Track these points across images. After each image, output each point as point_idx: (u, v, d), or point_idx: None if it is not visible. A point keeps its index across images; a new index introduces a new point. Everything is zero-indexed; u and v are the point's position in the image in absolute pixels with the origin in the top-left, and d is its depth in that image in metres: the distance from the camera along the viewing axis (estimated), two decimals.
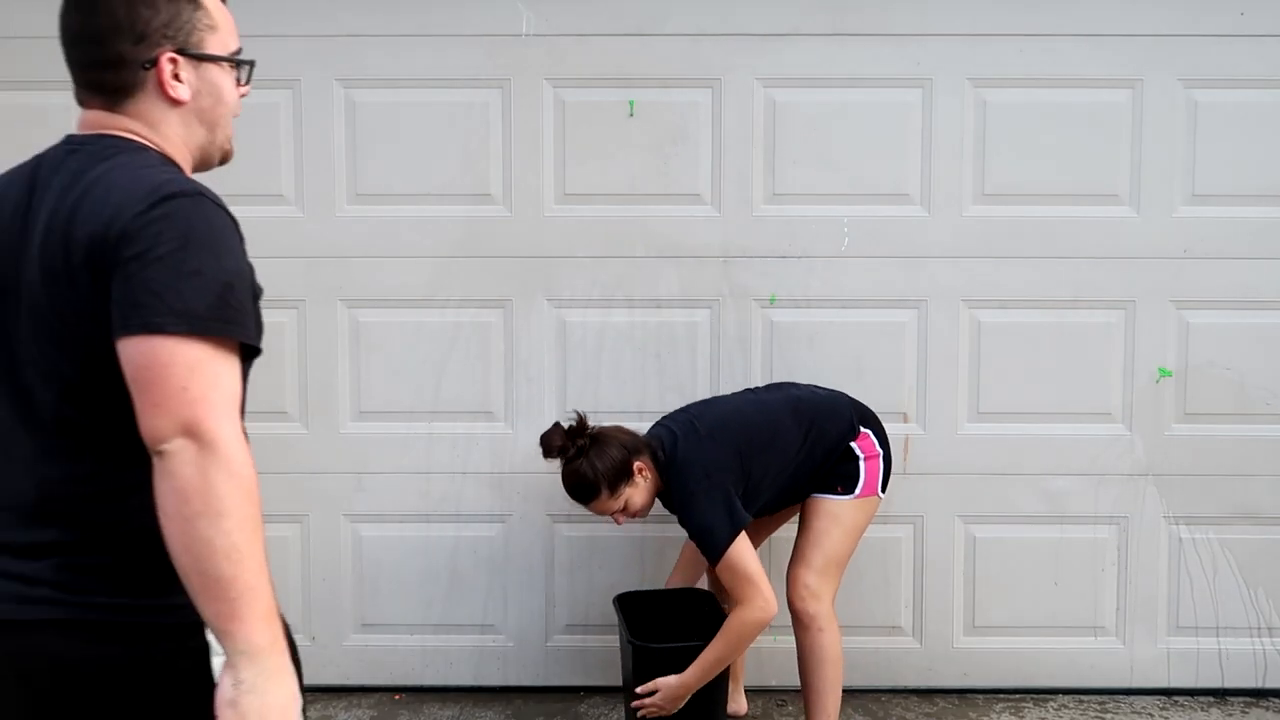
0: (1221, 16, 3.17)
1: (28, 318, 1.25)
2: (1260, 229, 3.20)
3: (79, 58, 1.32)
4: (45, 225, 1.24)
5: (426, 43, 3.19)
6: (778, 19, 3.18)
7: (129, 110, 1.32)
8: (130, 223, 1.18)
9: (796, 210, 3.21)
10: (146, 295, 1.16)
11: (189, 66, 1.32)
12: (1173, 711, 3.22)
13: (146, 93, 1.31)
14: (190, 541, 1.15)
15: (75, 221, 1.21)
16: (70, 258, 1.20)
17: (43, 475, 1.26)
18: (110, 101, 1.32)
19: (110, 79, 1.30)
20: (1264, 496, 3.25)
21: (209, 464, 1.14)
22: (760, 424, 2.72)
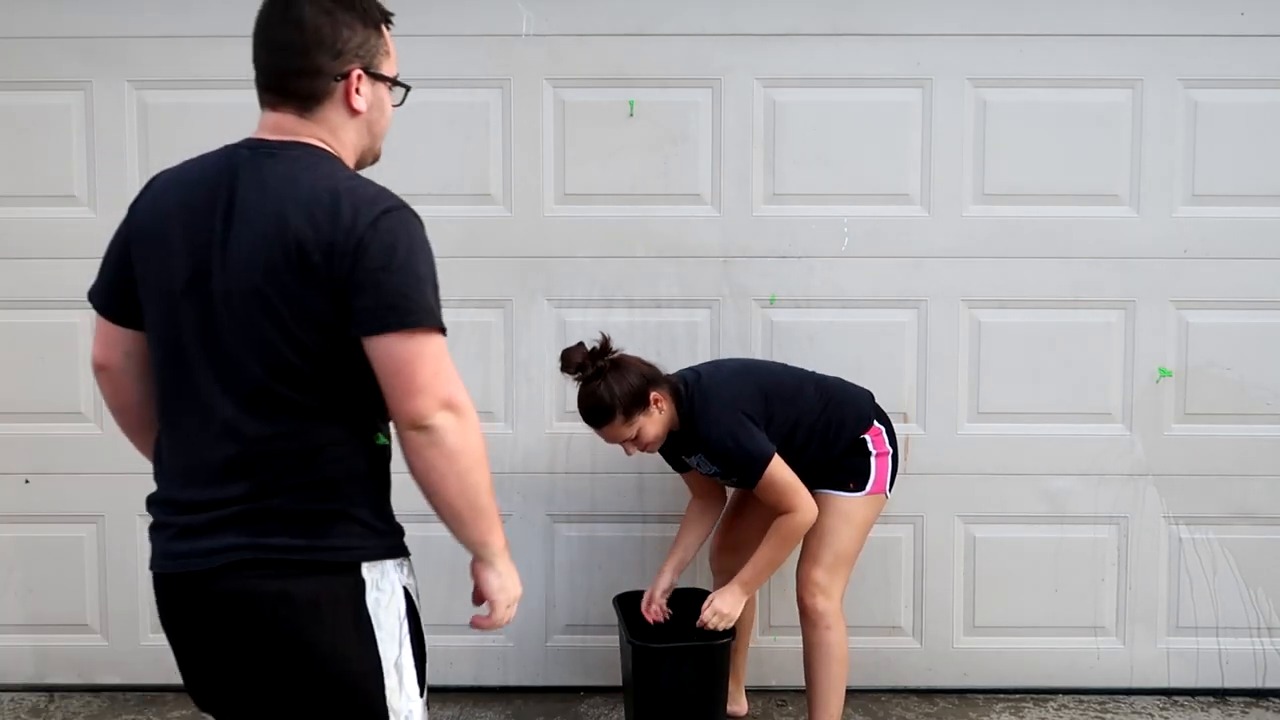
0: (1221, 16, 3.17)
1: (236, 300, 1.46)
2: (1260, 229, 3.20)
3: (279, 64, 1.54)
4: (258, 223, 1.46)
5: (426, 43, 3.19)
6: (778, 19, 3.18)
7: (316, 116, 1.55)
8: (364, 234, 1.43)
9: (796, 210, 3.21)
10: (398, 299, 1.43)
11: (368, 83, 1.58)
12: (1173, 711, 3.23)
13: (333, 101, 1.55)
14: (464, 487, 1.50)
15: (302, 226, 1.44)
16: (305, 257, 1.43)
17: (242, 436, 1.49)
18: (302, 106, 1.54)
19: (305, 86, 1.53)
20: (1263, 496, 3.25)
21: (466, 427, 1.48)
22: (785, 378, 2.80)
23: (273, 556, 1.49)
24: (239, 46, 3.25)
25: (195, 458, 1.53)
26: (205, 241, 1.49)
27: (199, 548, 1.50)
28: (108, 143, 3.21)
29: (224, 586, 1.49)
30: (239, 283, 1.47)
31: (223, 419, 1.49)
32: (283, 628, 1.49)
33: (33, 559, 3.30)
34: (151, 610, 3.28)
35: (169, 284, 1.52)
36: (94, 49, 3.19)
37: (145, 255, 1.57)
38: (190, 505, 1.53)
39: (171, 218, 1.53)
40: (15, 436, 3.27)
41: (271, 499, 1.50)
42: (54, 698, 3.30)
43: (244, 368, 1.48)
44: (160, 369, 1.57)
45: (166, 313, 1.54)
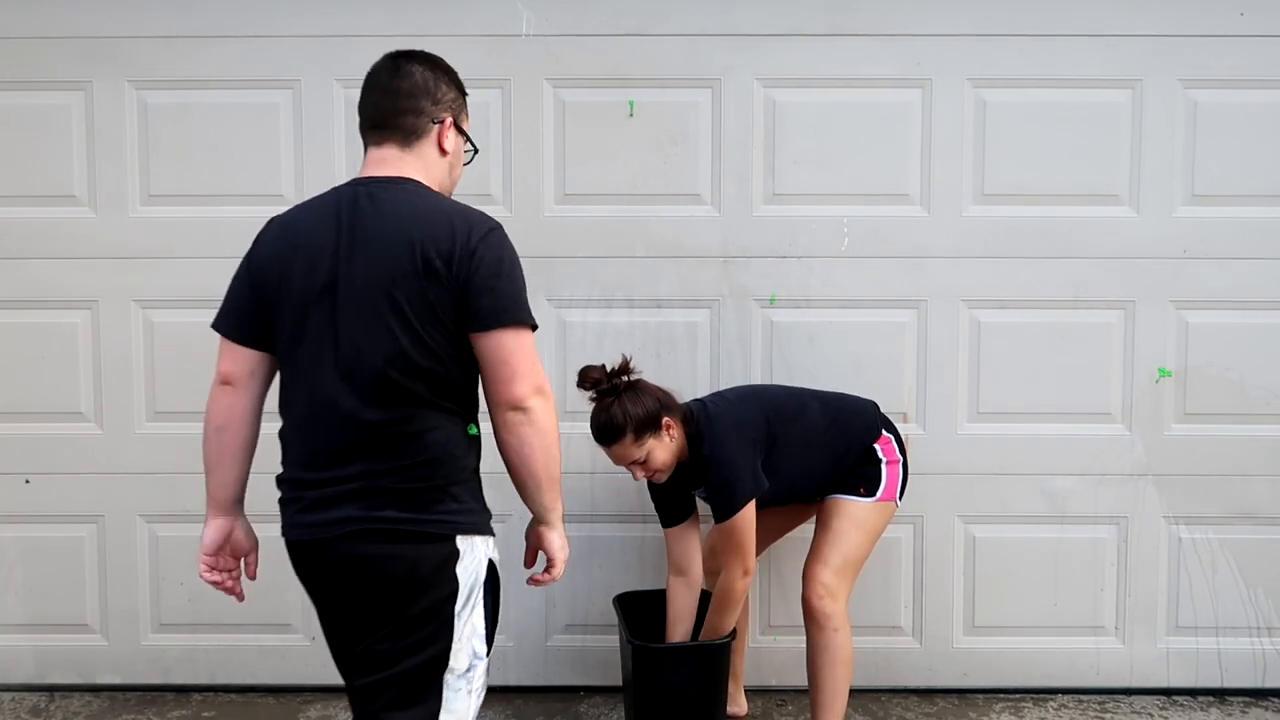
0: (1221, 16, 3.17)
1: (366, 303, 1.79)
2: (1260, 229, 3.20)
3: (390, 106, 1.91)
4: (385, 241, 1.80)
5: (426, 43, 3.13)
6: (777, 19, 3.18)
7: (415, 150, 1.91)
8: (477, 247, 1.79)
9: (796, 210, 3.21)
10: (508, 302, 1.80)
11: (453, 132, 1.96)
12: (1172, 711, 3.23)
13: (429, 140, 1.93)
14: (548, 460, 1.85)
15: (426, 240, 1.78)
16: (429, 264, 1.77)
17: (361, 424, 1.80)
18: (404, 141, 1.91)
19: (409, 122, 1.90)
20: (1263, 496, 3.25)
21: (550, 409, 1.84)
22: (787, 401, 2.81)
23: (382, 527, 1.80)
24: (239, 46, 3.28)
25: (320, 444, 1.85)
26: (331, 260, 1.82)
27: (323, 519, 1.83)
28: (108, 143, 3.21)
29: (342, 551, 1.82)
30: (369, 289, 1.79)
31: (345, 410, 1.81)
32: (388, 584, 1.81)
33: (33, 559, 3.30)
34: (151, 610, 3.30)
35: (300, 298, 1.83)
36: (94, 49, 3.19)
37: (275, 279, 1.86)
38: (315, 483, 1.85)
39: (297, 247, 1.86)
40: (15, 436, 3.27)
41: (383, 478, 1.81)
42: (54, 697, 3.30)
43: (367, 360, 1.79)
44: (291, 372, 1.89)
45: (296, 323, 1.84)
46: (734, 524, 2.61)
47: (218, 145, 3.21)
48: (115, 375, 3.25)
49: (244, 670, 3.33)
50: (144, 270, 3.22)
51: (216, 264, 3.20)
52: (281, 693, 3.32)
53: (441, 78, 1.96)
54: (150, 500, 3.27)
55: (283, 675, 3.33)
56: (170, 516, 3.28)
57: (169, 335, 3.24)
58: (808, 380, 3.11)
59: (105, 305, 3.24)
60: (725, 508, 2.61)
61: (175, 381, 3.24)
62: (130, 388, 3.25)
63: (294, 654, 3.32)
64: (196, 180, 3.21)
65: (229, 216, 3.21)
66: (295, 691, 3.32)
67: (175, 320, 3.23)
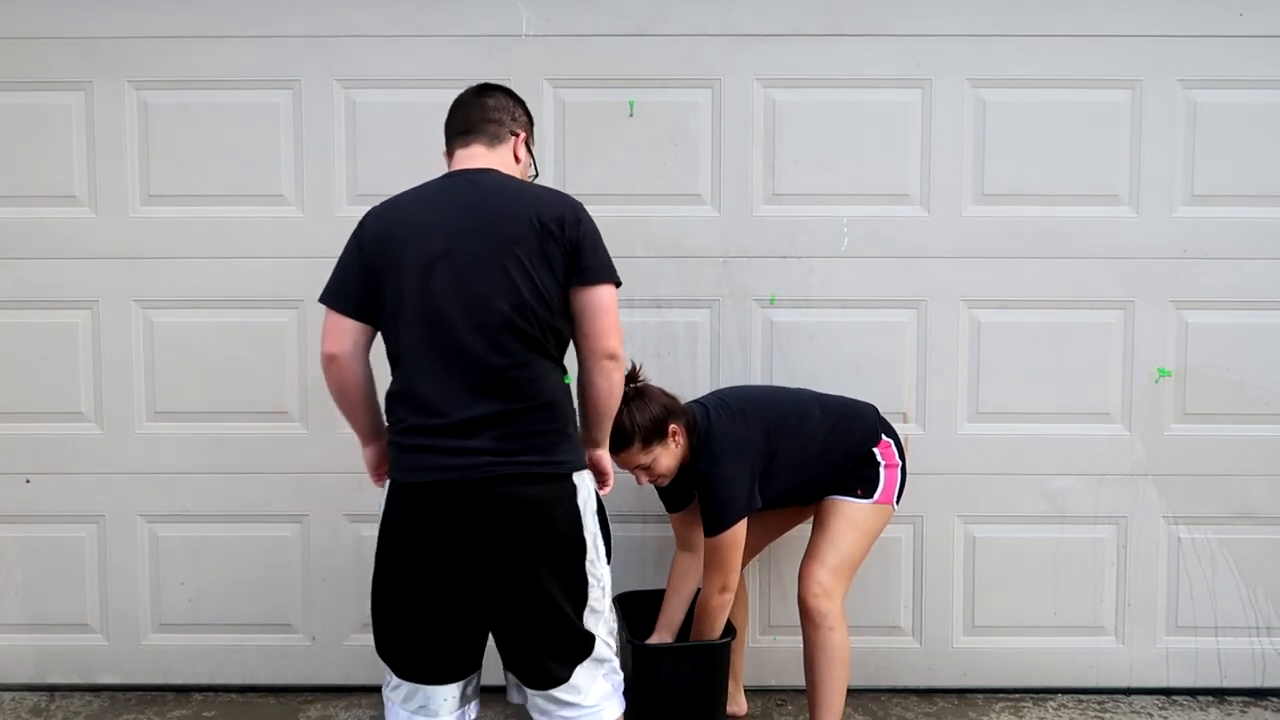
0: (1221, 17, 3.17)
1: (482, 262, 2.06)
2: (1260, 229, 3.20)
3: (478, 116, 2.26)
4: (500, 211, 2.10)
5: (426, 43, 3.19)
6: (777, 19, 3.18)
7: (498, 150, 2.25)
8: (580, 217, 2.13)
9: (796, 210, 3.21)
10: (607, 262, 2.15)
11: (523, 146, 2.31)
12: (1172, 711, 3.23)
13: (507, 147, 2.27)
14: (614, 402, 2.21)
15: (538, 208, 2.10)
16: (544, 226, 2.08)
17: (490, 364, 2.05)
18: (490, 142, 2.25)
19: (493, 129, 2.26)
20: (1263, 496, 3.25)
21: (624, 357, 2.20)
22: (789, 408, 2.79)
23: (518, 470, 2.05)
24: (239, 46, 3.28)
25: (450, 385, 2.06)
26: (444, 230, 2.08)
27: (460, 462, 2.04)
28: (108, 143, 3.21)
29: (486, 491, 2.04)
30: (491, 249, 2.06)
31: (476, 351, 2.05)
32: (525, 520, 2.06)
33: (33, 559, 3.30)
34: (151, 610, 3.30)
35: (421, 261, 2.07)
36: (94, 49, 3.19)
37: (387, 252, 2.11)
38: (447, 428, 2.05)
39: (407, 223, 2.12)
40: (15, 436, 3.27)
41: (513, 422, 2.06)
42: (54, 697, 3.30)
43: (491, 306, 2.05)
44: (415, 329, 2.08)
45: (420, 284, 2.07)
46: (721, 540, 2.61)
47: (218, 145, 3.21)
48: (115, 375, 3.25)
49: (244, 670, 3.33)
50: (144, 270, 3.23)
51: (217, 264, 3.23)
52: (281, 693, 3.32)
53: (516, 105, 2.33)
54: (150, 500, 3.28)
55: (283, 675, 3.33)
56: (170, 516, 3.28)
57: (169, 335, 3.24)
58: (808, 380, 3.11)
59: (105, 305, 3.24)
60: (714, 525, 2.61)
61: (175, 381, 3.25)
62: (130, 388, 3.25)
63: (294, 654, 3.32)
64: (196, 180, 3.21)
65: (229, 216, 3.21)
66: (295, 691, 3.32)
67: (175, 320, 3.24)
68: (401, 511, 2.12)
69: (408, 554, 2.11)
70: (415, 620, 2.14)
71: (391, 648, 2.18)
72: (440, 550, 2.08)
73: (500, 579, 2.09)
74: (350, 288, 2.15)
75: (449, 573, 2.10)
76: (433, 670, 2.17)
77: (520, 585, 2.08)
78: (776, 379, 3.21)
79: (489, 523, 2.05)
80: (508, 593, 2.09)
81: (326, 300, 2.17)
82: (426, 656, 2.16)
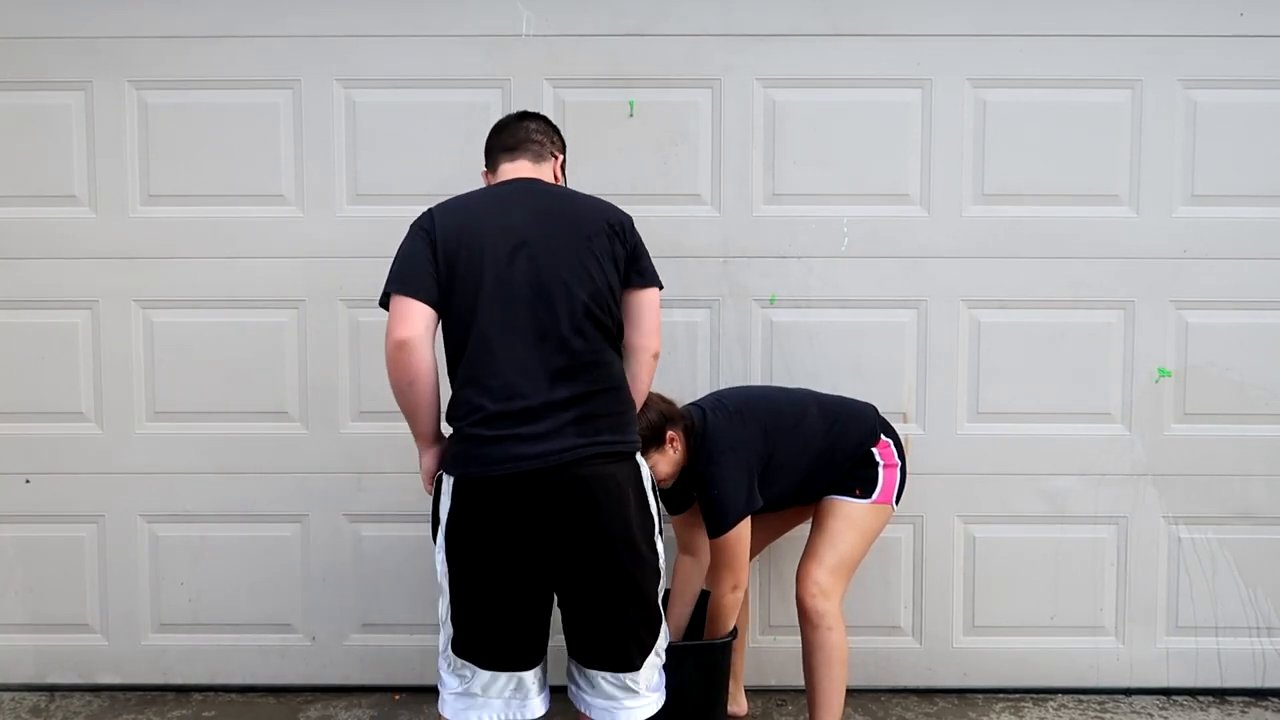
0: (1221, 17, 3.17)
1: (561, 253, 2.18)
2: (1260, 229, 3.20)
3: (523, 135, 2.40)
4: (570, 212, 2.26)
5: (426, 43, 3.19)
6: (778, 19, 3.18)
7: (542, 167, 2.40)
8: (631, 223, 2.32)
9: (796, 210, 3.21)
10: (651, 266, 2.33)
11: (560, 168, 2.45)
12: (1172, 711, 3.23)
13: (548, 165, 2.41)
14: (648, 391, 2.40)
15: (603, 211, 2.29)
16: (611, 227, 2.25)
17: (571, 348, 2.16)
18: (535, 158, 2.39)
19: (536, 148, 2.40)
20: (1263, 496, 3.25)
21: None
22: (786, 409, 2.79)
23: (599, 450, 2.15)
24: (239, 46, 3.28)
25: (531, 368, 2.14)
26: (519, 225, 2.20)
27: (546, 449, 2.11)
28: (108, 143, 3.21)
29: (575, 473, 2.12)
30: (569, 243, 2.20)
31: (558, 335, 2.15)
32: (613, 497, 2.16)
33: (33, 559, 3.30)
34: (151, 610, 3.30)
35: (499, 250, 2.17)
36: (94, 49, 3.19)
37: (464, 240, 2.18)
38: (527, 412, 2.12)
39: (481, 215, 2.23)
40: (15, 436, 3.27)
41: (591, 402, 2.16)
42: (54, 697, 3.30)
43: (572, 293, 2.17)
44: (494, 313, 2.15)
45: (500, 270, 2.16)
46: (726, 540, 2.62)
47: (218, 145, 3.21)
48: (115, 375, 3.25)
49: (244, 670, 3.33)
50: (144, 270, 3.23)
51: (217, 264, 3.23)
52: (281, 693, 3.32)
53: (555, 131, 2.48)
54: (150, 500, 3.28)
55: (283, 675, 3.33)
56: (170, 516, 3.28)
57: (169, 335, 3.24)
58: (807, 380, 3.11)
59: (105, 305, 3.24)
60: (717, 526, 2.61)
61: (175, 381, 3.25)
62: (130, 388, 3.25)
63: (294, 654, 3.32)
64: (196, 180, 3.21)
65: (229, 216, 3.21)
66: (295, 691, 3.32)
67: (175, 320, 3.24)
68: (483, 505, 2.13)
69: (494, 546, 2.14)
70: (508, 610, 2.18)
71: (483, 643, 2.20)
72: (528, 537, 2.13)
73: (588, 557, 2.16)
74: (419, 273, 2.17)
75: (536, 558, 2.15)
76: (525, 655, 2.22)
77: (609, 561, 2.17)
78: (776, 379, 3.21)
79: (578, 504, 2.13)
80: (597, 569, 2.17)
81: (394, 288, 2.18)
82: (518, 644, 2.21)
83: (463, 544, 2.16)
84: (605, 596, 2.19)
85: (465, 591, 2.19)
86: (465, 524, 2.15)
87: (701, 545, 2.82)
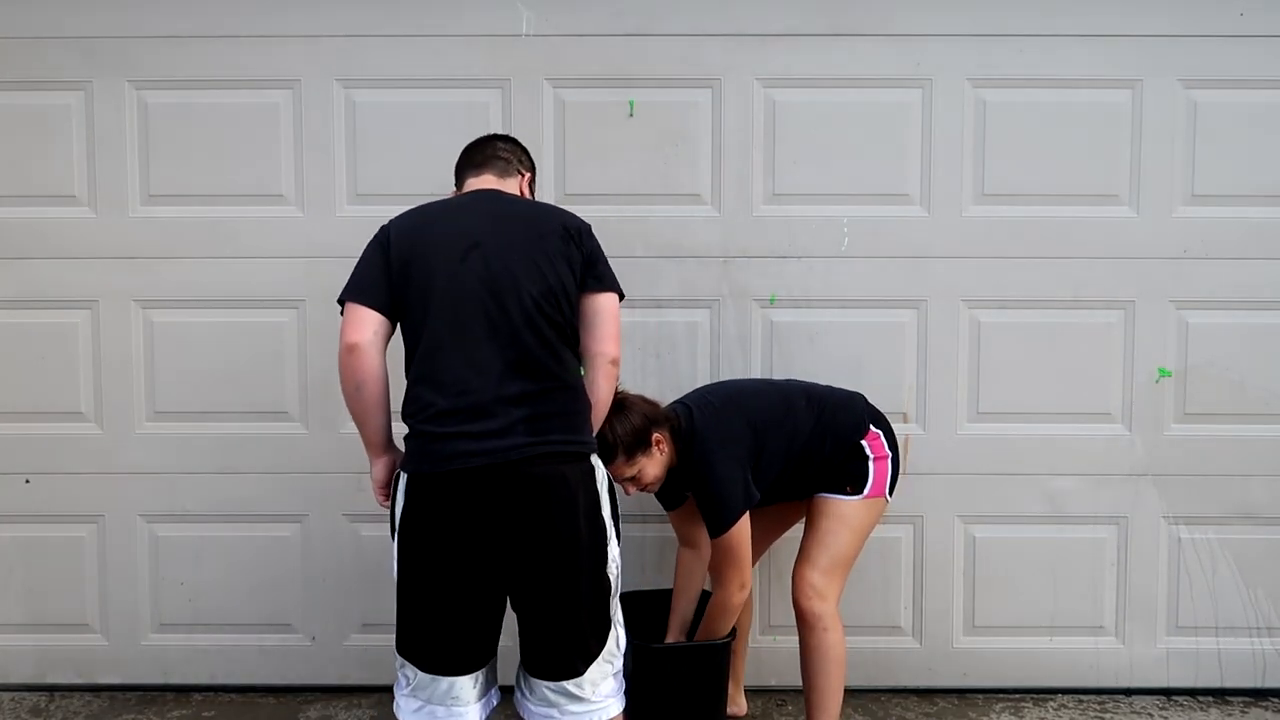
0: (1221, 17, 3.17)
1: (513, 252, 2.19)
2: (1260, 229, 3.20)
3: (490, 152, 2.45)
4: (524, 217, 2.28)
5: (426, 43, 3.19)
6: (778, 19, 3.18)
7: (507, 182, 2.42)
8: (589, 232, 2.31)
9: (796, 210, 3.21)
10: (609, 273, 2.30)
11: (528, 186, 2.48)
12: (1172, 711, 3.23)
13: (515, 181, 2.44)
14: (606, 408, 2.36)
15: (557, 217, 2.29)
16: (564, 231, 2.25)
17: (523, 343, 2.16)
18: (501, 174, 2.43)
19: (502, 165, 2.44)
20: (1263, 496, 3.25)
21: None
22: (774, 400, 2.76)
23: (550, 450, 2.14)
24: (239, 46, 3.28)
25: (481, 364, 2.14)
26: (473, 229, 2.22)
27: (496, 446, 2.11)
28: (108, 143, 3.21)
29: (524, 471, 2.12)
30: (522, 242, 2.21)
31: (509, 330, 2.15)
32: (560, 498, 2.15)
33: (33, 559, 3.30)
34: (151, 610, 3.30)
35: (452, 250, 2.19)
36: (94, 49, 3.19)
37: (417, 244, 2.22)
38: (477, 408, 2.12)
39: (437, 221, 2.26)
40: (15, 436, 3.27)
41: (543, 402, 2.15)
42: (54, 697, 3.30)
43: (523, 289, 2.17)
44: (445, 311, 2.17)
45: (449, 274, 2.17)
46: (728, 540, 2.58)
47: (218, 145, 3.21)
48: (115, 375, 3.25)
49: (244, 670, 3.33)
50: (144, 270, 3.23)
51: (216, 264, 3.23)
52: (281, 693, 3.32)
53: (523, 151, 2.52)
54: (150, 500, 3.28)
55: (283, 675, 3.33)
56: (170, 516, 3.28)
57: (169, 335, 3.24)
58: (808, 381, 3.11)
59: (105, 305, 3.24)
60: (717, 526, 2.59)
61: (175, 381, 3.25)
62: (130, 388, 3.25)
63: (294, 654, 3.32)
64: (196, 180, 3.22)
65: (229, 216, 3.21)
66: (295, 691, 3.32)
67: (175, 320, 3.24)
68: (432, 502, 2.14)
69: (442, 545, 2.14)
70: (451, 612, 2.18)
71: (422, 644, 2.21)
72: (476, 536, 2.13)
73: (533, 558, 2.15)
74: (371, 281, 2.22)
75: (484, 558, 2.15)
76: (464, 660, 2.22)
77: (554, 565, 2.16)
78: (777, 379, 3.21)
79: (525, 503, 2.13)
80: (541, 573, 2.16)
81: (347, 296, 2.22)
82: (458, 648, 2.21)
83: (413, 542, 2.18)
84: (550, 599, 2.18)
85: (411, 589, 2.20)
86: (416, 521, 2.17)
87: (701, 538, 2.82)
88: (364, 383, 2.20)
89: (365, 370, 2.19)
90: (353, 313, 2.21)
